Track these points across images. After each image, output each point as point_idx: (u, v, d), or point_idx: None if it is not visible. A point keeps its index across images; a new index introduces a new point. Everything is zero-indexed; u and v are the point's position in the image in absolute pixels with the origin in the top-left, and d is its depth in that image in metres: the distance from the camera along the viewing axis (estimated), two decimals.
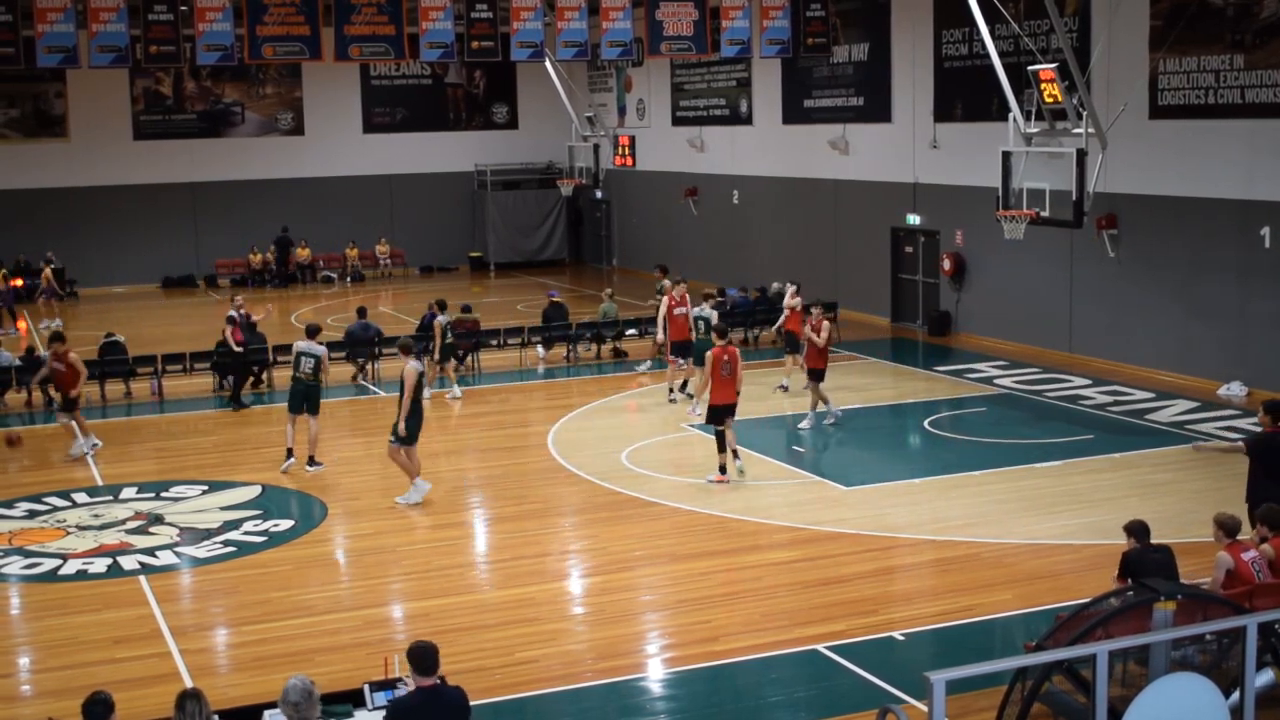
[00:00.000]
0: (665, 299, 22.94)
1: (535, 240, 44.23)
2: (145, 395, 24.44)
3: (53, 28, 24.10)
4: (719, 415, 17.54)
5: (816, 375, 20.65)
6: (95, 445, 20.18)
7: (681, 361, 22.80)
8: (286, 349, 25.27)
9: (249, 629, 13.16)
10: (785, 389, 23.01)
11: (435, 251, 43.43)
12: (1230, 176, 22.32)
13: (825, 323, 20.71)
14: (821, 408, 20.78)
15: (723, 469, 17.60)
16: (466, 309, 27.49)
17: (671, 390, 22.93)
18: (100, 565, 15.05)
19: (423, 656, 8.32)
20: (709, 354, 17.74)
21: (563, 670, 11.90)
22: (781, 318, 23.86)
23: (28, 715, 11.30)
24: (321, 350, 19.04)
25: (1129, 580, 10.52)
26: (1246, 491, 12.97)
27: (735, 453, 17.75)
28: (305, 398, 18.99)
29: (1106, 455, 18.59)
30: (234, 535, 16.09)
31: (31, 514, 17.07)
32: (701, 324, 22.01)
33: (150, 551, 15.45)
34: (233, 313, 24.05)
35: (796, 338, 22.35)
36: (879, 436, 20.63)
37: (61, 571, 14.91)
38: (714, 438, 17.82)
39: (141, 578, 14.61)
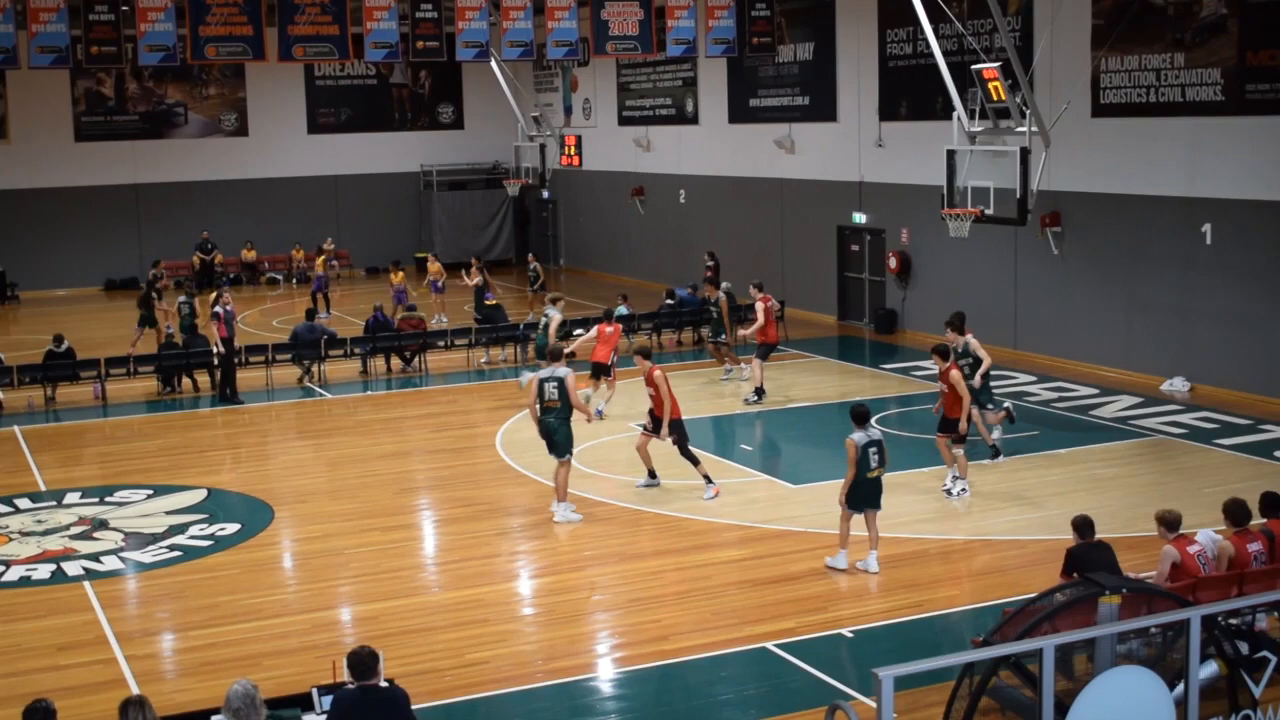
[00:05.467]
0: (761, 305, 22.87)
1: (482, 240, 44.05)
2: (88, 399, 24.19)
3: None
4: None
5: (764, 351, 22.57)
6: None
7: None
8: (258, 349, 25.15)
9: (196, 634, 13.05)
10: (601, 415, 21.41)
11: (381, 252, 43.08)
12: (1172, 174, 22.55)
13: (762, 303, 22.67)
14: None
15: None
16: (411, 308, 27.35)
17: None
18: (44, 571, 14.88)
19: (360, 663, 8.50)
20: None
21: (513, 671, 11.88)
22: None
23: None
24: (566, 372, 16.26)
25: (1074, 575, 10.61)
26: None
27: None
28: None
29: (1051, 451, 18.74)
30: (180, 539, 15.94)
31: None
32: None
33: (95, 557, 15.29)
34: (218, 309, 23.81)
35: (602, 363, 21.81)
36: (827, 434, 20.67)
37: (4, 578, 14.72)
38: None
39: (86, 583, 14.46)
